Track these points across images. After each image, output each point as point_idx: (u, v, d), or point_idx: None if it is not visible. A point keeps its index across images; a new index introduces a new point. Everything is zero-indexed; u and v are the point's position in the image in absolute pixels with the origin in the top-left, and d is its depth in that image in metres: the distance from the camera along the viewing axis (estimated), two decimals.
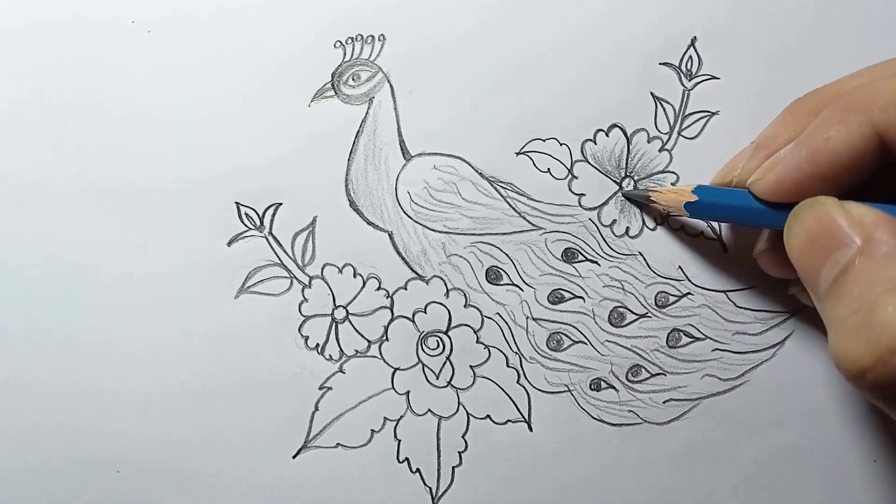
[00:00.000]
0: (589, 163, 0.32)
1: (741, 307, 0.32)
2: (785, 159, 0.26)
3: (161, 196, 0.31)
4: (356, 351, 0.31)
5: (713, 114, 0.32)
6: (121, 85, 0.31)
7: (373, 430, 0.31)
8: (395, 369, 0.31)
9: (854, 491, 0.32)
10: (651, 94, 0.31)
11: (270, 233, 0.31)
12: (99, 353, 0.31)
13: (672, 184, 0.32)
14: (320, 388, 0.31)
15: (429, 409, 0.31)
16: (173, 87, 0.31)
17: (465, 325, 0.31)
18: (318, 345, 0.31)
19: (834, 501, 0.32)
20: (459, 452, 0.31)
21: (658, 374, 0.32)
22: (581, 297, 0.32)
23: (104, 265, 0.31)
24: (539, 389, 0.32)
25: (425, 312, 0.31)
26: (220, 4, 0.31)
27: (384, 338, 0.31)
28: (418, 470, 0.31)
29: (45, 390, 0.31)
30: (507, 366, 0.32)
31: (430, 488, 0.31)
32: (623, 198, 0.31)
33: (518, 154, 0.31)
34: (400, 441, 0.31)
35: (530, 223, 0.32)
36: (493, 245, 0.32)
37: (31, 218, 0.31)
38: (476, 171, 0.31)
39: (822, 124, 0.25)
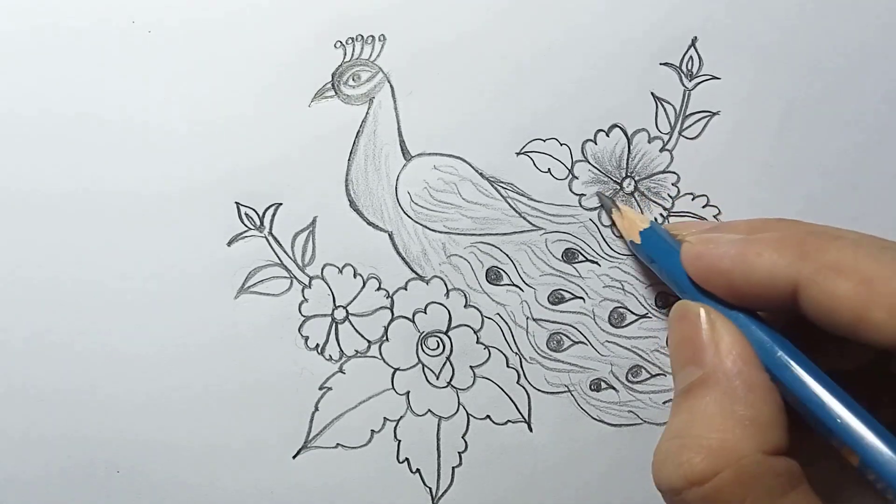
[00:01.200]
0: (589, 163, 0.32)
1: None
2: (721, 243, 0.25)
3: (161, 196, 0.31)
4: (356, 351, 0.31)
5: (714, 114, 0.31)
6: (120, 85, 0.31)
7: (373, 431, 0.31)
8: (395, 369, 0.31)
9: None
10: (652, 94, 0.31)
11: (270, 233, 0.31)
12: (99, 353, 0.31)
13: (669, 196, 0.31)
14: (320, 389, 0.31)
15: (429, 410, 0.31)
16: (173, 88, 0.31)
17: (466, 325, 0.31)
18: (318, 345, 0.31)
19: None
20: (459, 453, 0.31)
21: (658, 374, 0.32)
22: (581, 298, 0.32)
23: (104, 265, 0.31)
24: (539, 390, 0.32)
25: (425, 313, 0.31)
26: (220, 5, 0.31)
27: (384, 338, 0.31)
28: (418, 470, 0.31)
29: (45, 391, 0.31)
30: (508, 366, 0.31)
31: (430, 488, 0.31)
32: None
33: (518, 154, 0.31)
34: (400, 441, 0.31)
35: (530, 223, 0.32)
36: (493, 245, 0.32)
37: (30, 218, 0.31)
38: (476, 171, 0.31)
39: (767, 240, 0.24)
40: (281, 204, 0.31)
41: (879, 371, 0.24)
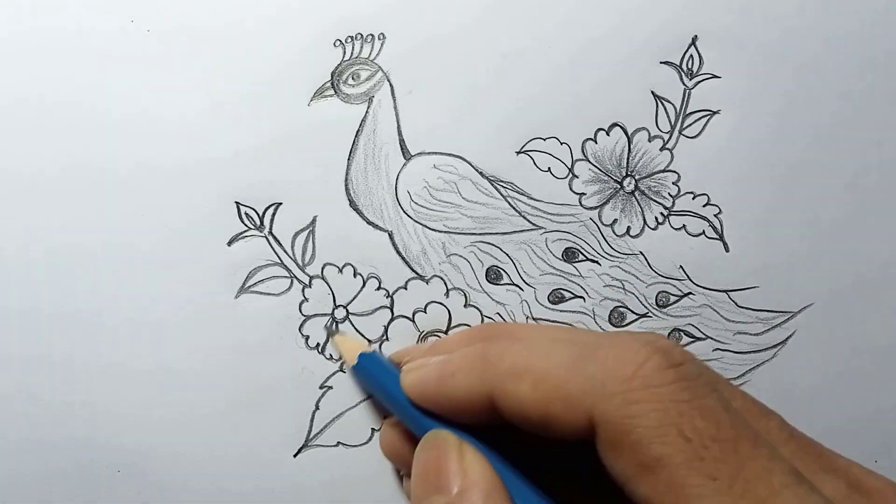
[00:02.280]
0: (590, 162, 0.31)
1: (743, 307, 0.32)
2: (426, 369, 0.26)
3: (160, 196, 0.31)
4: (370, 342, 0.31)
5: (714, 113, 0.31)
6: (120, 84, 0.31)
7: (373, 429, 0.31)
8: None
9: None
10: (652, 93, 0.31)
11: (270, 232, 0.31)
12: (99, 352, 0.31)
13: (669, 195, 0.31)
14: (321, 388, 0.31)
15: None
16: (172, 87, 0.31)
17: (466, 324, 0.31)
18: (318, 344, 0.31)
19: None
20: None
21: None
22: (581, 297, 0.32)
23: (104, 265, 0.31)
24: None
25: (425, 312, 0.31)
26: (219, 3, 0.31)
27: (384, 337, 0.31)
28: None
29: (46, 391, 0.31)
30: None
31: None
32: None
33: (518, 153, 0.31)
34: None
35: (531, 222, 0.32)
36: (493, 244, 0.32)
37: (30, 218, 0.31)
38: (476, 170, 0.31)
39: (459, 359, 0.25)
40: (281, 203, 0.31)
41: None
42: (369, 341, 0.31)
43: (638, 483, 0.20)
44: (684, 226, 0.32)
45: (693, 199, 0.32)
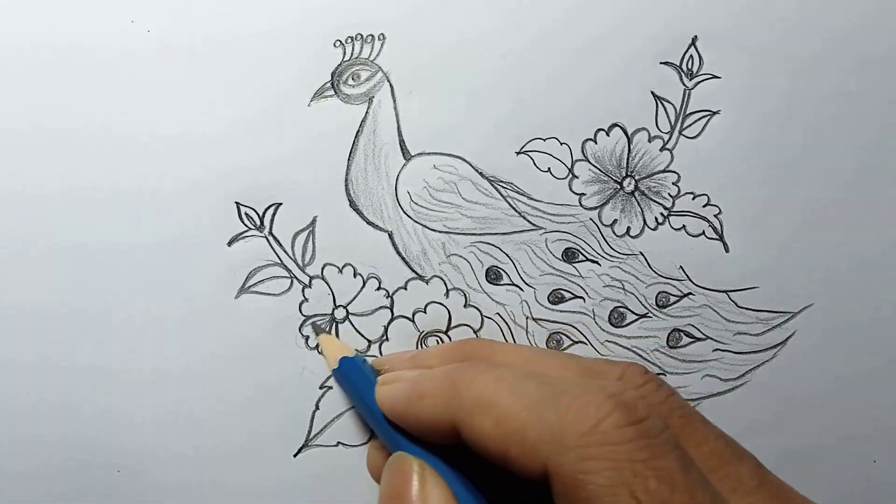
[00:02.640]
0: (590, 162, 0.31)
1: (742, 307, 0.32)
2: (399, 385, 0.26)
3: (161, 196, 0.31)
4: (357, 351, 0.31)
5: (714, 113, 0.31)
6: (120, 84, 0.31)
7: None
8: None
9: (854, 491, 0.32)
10: (652, 93, 0.31)
11: (270, 233, 0.31)
12: (100, 352, 0.31)
13: (669, 195, 0.31)
14: (321, 388, 0.31)
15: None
16: (173, 87, 0.31)
17: (465, 325, 0.31)
18: (318, 344, 0.31)
19: (834, 501, 0.32)
20: None
21: (659, 374, 0.32)
22: (581, 297, 0.32)
23: (104, 266, 0.31)
24: None
25: (425, 312, 0.31)
26: (219, 4, 0.31)
27: (384, 337, 0.31)
28: None
29: (46, 390, 0.31)
30: None
31: None
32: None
33: (518, 153, 0.31)
34: None
35: (530, 223, 0.31)
36: (493, 245, 0.32)
37: (30, 219, 0.31)
38: (476, 170, 0.31)
39: (430, 379, 0.25)
40: (281, 204, 0.31)
41: None
42: (368, 341, 0.31)
43: None
44: (684, 226, 0.32)
45: (693, 199, 0.32)
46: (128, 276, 0.31)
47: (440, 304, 0.31)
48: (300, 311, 0.31)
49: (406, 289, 0.31)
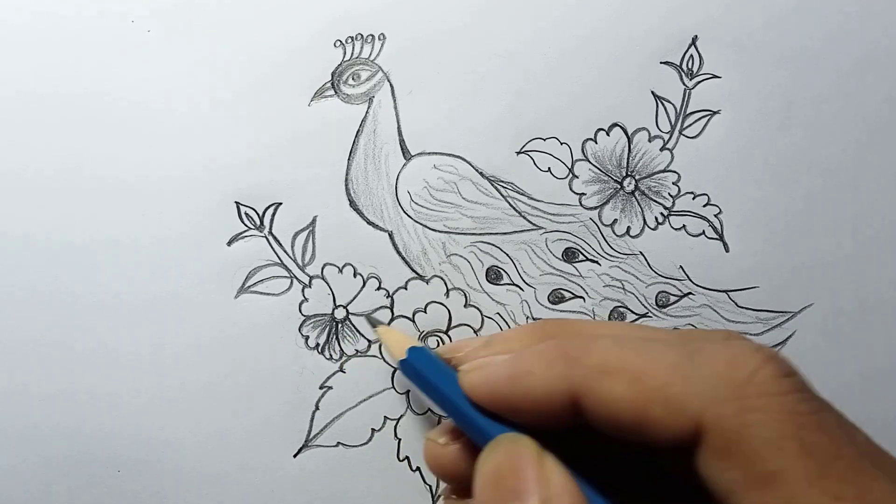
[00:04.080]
0: (590, 162, 0.31)
1: (742, 307, 0.32)
2: (493, 368, 0.24)
3: (161, 196, 0.31)
4: (356, 350, 0.31)
5: (714, 113, 0.31)
6: (120, 84, 0.31)
7: (373, 429, 0.31)
8: (396, 368, 0.31)
9: None
10: (652, 93, 0.31)
11: (270, 233, 0.31)
12: (100, 352, 0.31)
13: (669, 195, 0.31)
14: (321, 388, 0.31)
15: (429, 409, 0.31)
16: (173, 87, 0.31)
17: (466, 324, 0.31)
18: (318, 344, 0.31)
19: None
20: None
21: None
22: (581, 297, 0.32)
23: (105, 265, 0.31)
24: None
25: (425, 312, 0.31)
26: (219, 4, 0.31)
27: None
28: (418, 468, 0.32)
29: (47, 390, 0.31)
30: None
31: (430, 486, 0.32)
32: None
33: (518, 153, 0.31)
34: (400, 440, 0.31)
35: (531, 223, 0.31)
36: (493, 245, 0.31)
37: (30, 217, 0.31)
38: (476, 170, 0.31)
39: (533, 355, 0.23)
40: (281, 203, 0.31)
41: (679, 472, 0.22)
42: (368, 341, 0.31)
43: (748, 497, 0.19)
44: (684, 226, 0.32)
45: (693, 199, 0.32)
46: (128, 276, 0.31)
47: (440, 303, 0.31)
48: (300, 311, 0.31)
49: (406, 289, 0.31)
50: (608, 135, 0.31)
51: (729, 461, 0.19)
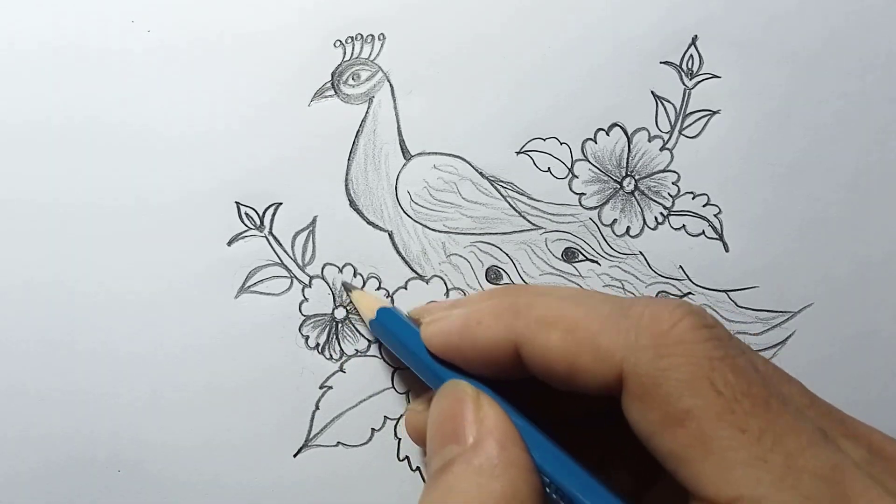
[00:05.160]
0: (590, 162, 0.31)
1: (742, 307, 0.32)
2: (449, 320, 0.26)
3: (161, 196, 0.31)
4: (357, 350, 0.31)
5: (714, 112, 0.31)
6: (120, 85, 0.31)
7: (373, 429, 0.31)
8: (396, 368, 0.31)
9: None
10: (652, 92, 0.31)
11: (270, 232, 0.31)
12: (100, 352, 0.31)
13: (669, 195, 0.31)
14: (321, 388, 0.31)
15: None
16: (173, 87, 0.31)
17: None
18: (318, 344, 0.31)
19: None
20: None
21: None
22: None
23: (105, 265, 0.31)
24: None
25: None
26: (219, 4, 0.31)
27: None
28: (418, 468, 0.32)
29: (46, 390, 0.31)
30: None
31: None
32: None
33: (518, 153, 0.31)
34: (400, 440, 0.31)
35: (530, 223, 0.32)
36: (493, 244, 0.32)
37: (32, 218, 0.31)
38: (476, 170, 0.31)
39: (484, 308, 0.25)
40: (281, 203, 0.31)
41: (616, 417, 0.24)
42: (368, 341, 0.31)
43: (664, 436, 0.20)
44: (684, 226, 0.32)
45: (693, 199, 0.32)
46: (127, 276, 0.31)
47: None
48: (300, 310, 0.31)
49: (406, 288, 0.31)
50: (608, 135, 0.31)
51: (646, 404, 0.21)
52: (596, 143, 0.31)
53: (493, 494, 0.22)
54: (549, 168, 0.31)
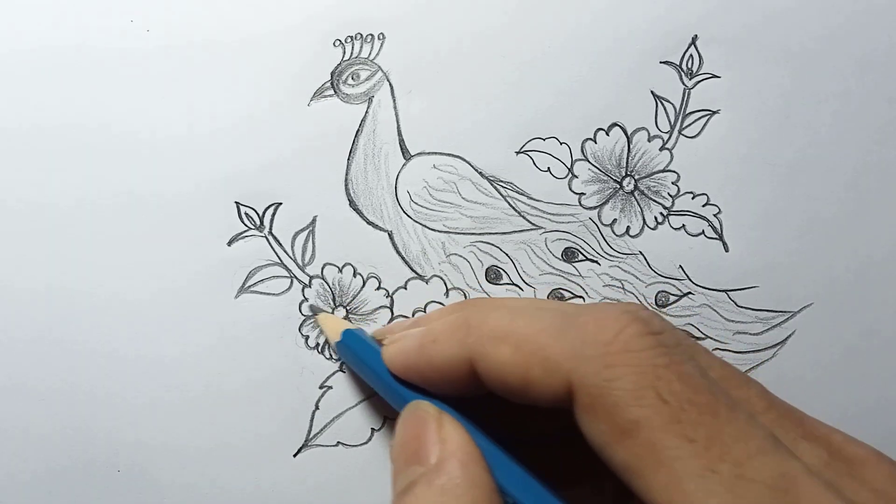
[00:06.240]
0: (589, 162, 0.31)
1: (742, 307, 0.32)
2: (406, 339, 0.26)
3: (160, 196, 0.31)
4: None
5: (714, 112, 0.31)
6: (119, 85, 0.31)
7: (373, 429, 0.31)
8: (366, 397, 0.31)
9: None
10: (651, 92, 0.31)
11: (270, 232, 0.31)
12: (100, 352, 0.31)
13: (669, 195, 0.31)
14: (321, 387, 0.31)
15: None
16: (172, 87, 0.31)
17: None
18: (318, 344, 0.31)
19: None
20: None
21: None
22: (581, 297, 0.32)
23: (105, 265, 0.31)
24: None
25: (425, 312, 0.31)
26: (219, 4, 0.31)
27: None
28: None
29: (46, 390, 0.31)
30: None
31: None
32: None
33: (518, 153, 0.31)
34: None
35: (530, 222, 0.32)
36: (492, 244, 0.32)
37: (29, 217, 0.31)
38: (476, 170, 0.31)
39: (440, 325, 0.25)
40: (281, 203, 0.31)
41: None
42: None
43: (615, 447, 0.20)
44: (684, 226, 0.32)
45: (692, 198, 0.32)
46: (127, 276, 0.31)
47: (440, 303, 0.31)
48: (300, 310, 0.31)
49: (406, 288, 0.31)
50: (607, 134, 0.31)
51: (595, 415, 0.20)
52: (596, 142, 0.31)
53: None
54: (548, 168, 0.31)
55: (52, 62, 0.30)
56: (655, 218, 0.32)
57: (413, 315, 0.31)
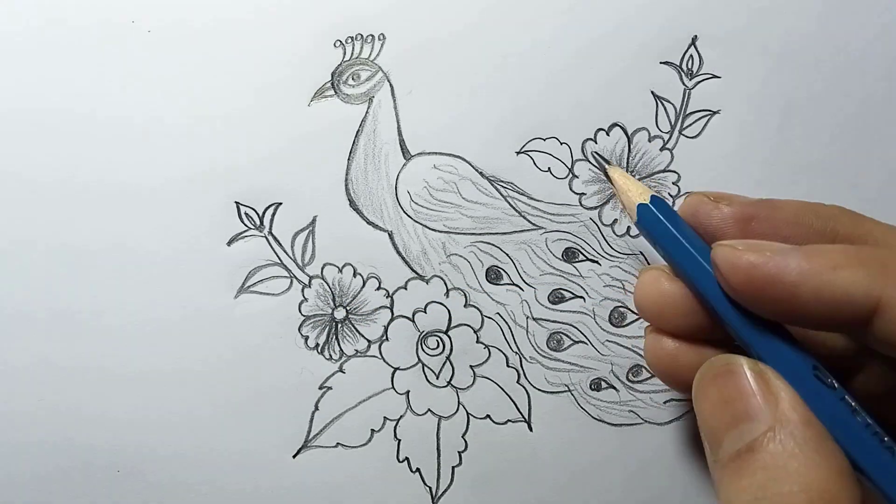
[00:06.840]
0: (590, 162, 0.31)
1: None
2: (781, 257, 0.21)
3: (161, 196, 0.31)
4: (356, 351, 0.31)
5: (714, 113, 0.31)
6: (120, 84, 0.31)
7: (373, 430, 0.31)
8: (395, 369, 0.31)
9: None
10: (652, 93, 0.31)
11: (270, 232, 0.31)
12: (98, 352, 0.31)
13: (669, 195, 0.31)
14: (320, 388, 0.31)
15: (429, 409, 0.31)
16: (173, 87, 0.31)
17: (465, 324, 0.31)
18: (318, 345, 0.31)
19: None
20: (459, 452, 0.31)
21: None
22: (581, 297, 0.32)
23: (104, 265, 0.31)
24: (539, 389, 0.31)
25: (425, 312, 0.31)
26: (219, 4, 0.31)
27: (384, 337, 0.31)
28: (418, 469, 0.31)
29: (46, 391, 0.31)
30: (507, 366, 0.31)
31: (430, 488, 0.31)
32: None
33: (518, 153, 0.31)
34: (400, 441, 0.31)
35: (531, 223, 0.31)
36: (493, 244, 0.31)
37: (29, 218, 0.31)
38: (476, 170, 0.31)
39: (845, 253, 0.21)
40: (281, 203, 0.31)
41: None
42: (368, 341, 0.31)
43: None
44: None
45: None
46: (127, 275, 0.31)
47: (440, 303, 0.31)
48: (300, 310, 0.31)
49: (406, 288, 0.31)
50: (608, 135, 0.31)
51: None
52: (596, 143, 0.31)
53: (823, 467, 0.19)
54: (549, 168, 0.31)
55: (51, 62, 0.30)
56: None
57: (413, 315, 0.31)
